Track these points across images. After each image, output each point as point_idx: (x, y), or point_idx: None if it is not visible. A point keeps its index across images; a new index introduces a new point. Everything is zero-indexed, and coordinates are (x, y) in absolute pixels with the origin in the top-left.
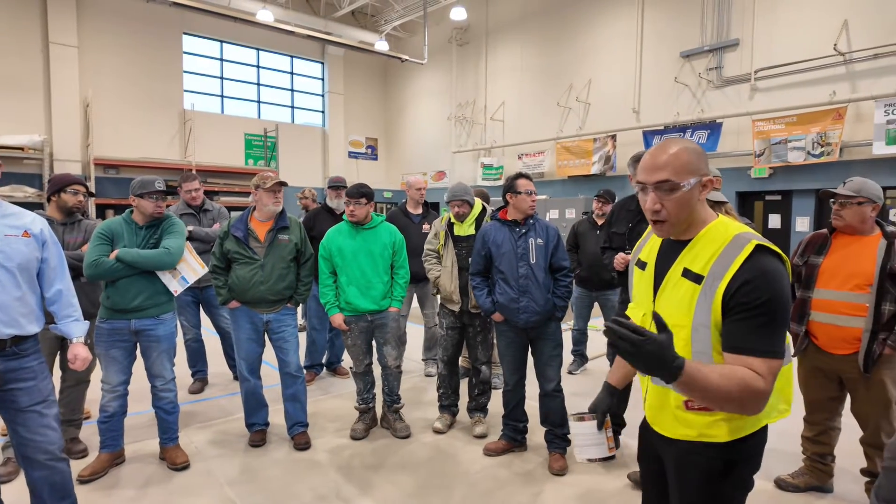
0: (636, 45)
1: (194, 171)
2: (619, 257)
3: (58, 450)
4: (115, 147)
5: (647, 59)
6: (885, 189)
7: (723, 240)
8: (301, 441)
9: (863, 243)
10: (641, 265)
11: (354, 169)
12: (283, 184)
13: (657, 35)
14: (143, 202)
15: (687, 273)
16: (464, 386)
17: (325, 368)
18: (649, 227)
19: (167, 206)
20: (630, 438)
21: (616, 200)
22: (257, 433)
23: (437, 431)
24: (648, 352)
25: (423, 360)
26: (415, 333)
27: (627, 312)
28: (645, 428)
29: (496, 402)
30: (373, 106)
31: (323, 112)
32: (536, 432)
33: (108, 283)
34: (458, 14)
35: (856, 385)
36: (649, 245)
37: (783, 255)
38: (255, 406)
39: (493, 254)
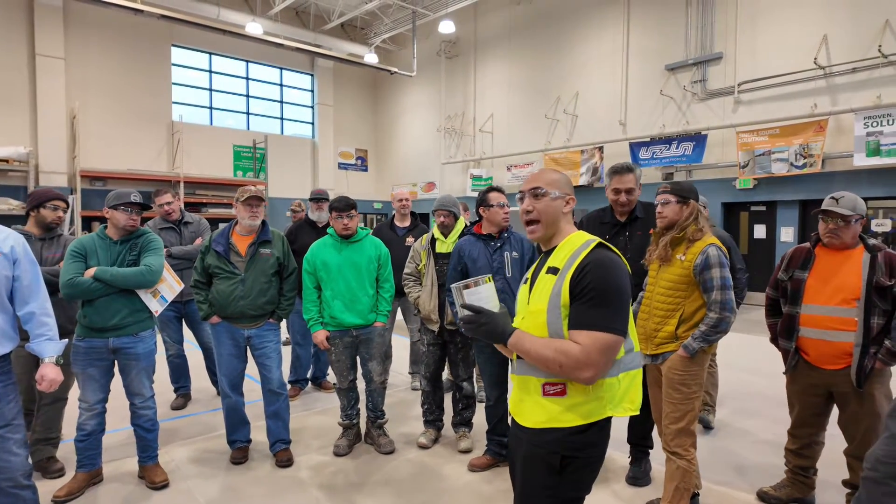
0: (622, 59)
1: (180, 182)
2: None
3: (22, 476)
4: (103, 159)
5: (633, 72)
6: (866, 200)
7: (577, 243)
8: (283, 458)
9: (847, 257)
10: (525, 281)
11: (344, 180)
12: (259, 198)
13: (642, 49)
14: (116, 214)
15: (550, 270)
16: (449, 400)
17: (309, 383)
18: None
19: (149, 218)
20: (616, 451)
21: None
22: (239, 450)
23: (422, 446)
24: (485, 324)
25: (409, 373)
26: (401, 346)
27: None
28: (511, 425)
29: (482, 416)
30: (362, 118)
31: (312, 124)
32: None
33: (86, 301)
34: (447, 27)
35: (847, 399)
36: (534, 266)
37: (619, 253)
38: (236, 423)
39: (468, 268)
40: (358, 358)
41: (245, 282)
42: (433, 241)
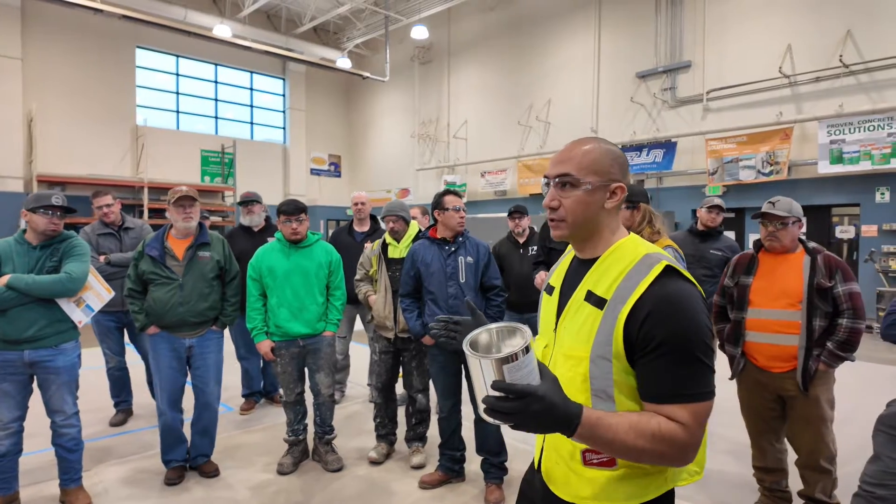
0: (594, 66)
1: (143, 187)
2: (540, 277)
3: None
4: (62, 163)
5: (605, 79)
6: (829, 207)
7: (631, 259)
8: (210, 469)
9: (789, 261)
10: (549, 290)
11: (317, 186)
12: (191, 198)
13: (614, 57)
14: (35, 217)
15: (590, 296)
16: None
17: (263, 397)
18: (568, 249)
19: (85, 223)
20: None
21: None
22: (174, 470)
23: (373, 462)
24: (539, 411)
25: (367, 384)
26: (361, 355)
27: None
28: (531, 481)
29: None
30: (336, 123)
31: (284, 128)
32: (475, 460)
33: None
34: (420, 33)
35: (794, 403)
36: (559, 268)
37: (693, 279)
38: (172, 442)
39: (422, 273)
40: (306, 369)
41: (183, 287)
42: (385, 246)
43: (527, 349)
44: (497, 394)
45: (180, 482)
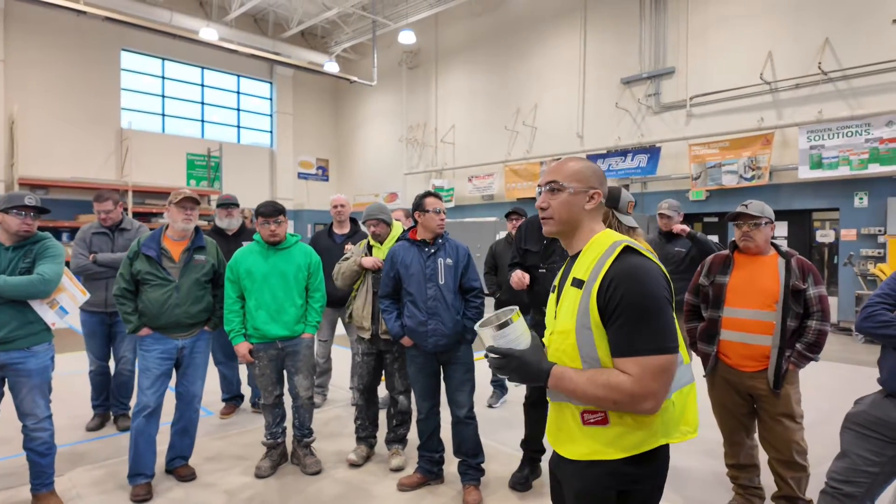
0: (579, 73)
1: (128, 191)
2: (516, 276)
3: None
4: (44, 167)
5: (590, 85)
6: (810, 211)
7: (601, 248)
8: (186, 473)
9: (764, 262)
10: (554, 289)
11: (304, 190)
12: (194, 200)
13: (599, 63)
14: (7, 218)
15: (574, 281)
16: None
17: (244, 400)
18: (567, 262)
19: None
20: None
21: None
22: (142, 486)
23: (353, 464)
24: (516, 368)
25: (350, 388)
26: (344, 359)
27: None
28: (552, 458)
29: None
30: (323, 127)
31: (271, 132)
32: (453, 462)
33: None
34: (408, 38)
35: (764, 400)
36: (561, 272)
37: (653, 258)
38: (144, 450)
39: (401, 275)
40: (285, 372)
41: (179, 289)
42: (369, 248)
43: (506, 323)
44: (493, 356)
45: (150, 498)
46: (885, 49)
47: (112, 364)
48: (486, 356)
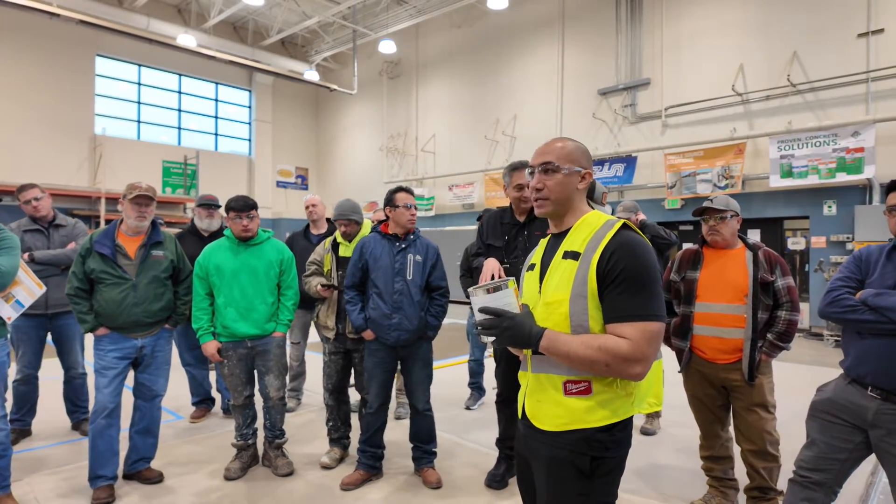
0: (557, 83)
1: (101, 198)
2: (488, 266)
3: None
4: (12, 172)
5: (568, 95)
6: (781, 219)
7: (596, 224)
8: (152, 476)
9: (732, 256)
10: (531, 267)
11: (283, 198)
12: (149, 198)
13: (577, 73)
14: None
15: (567, 254)
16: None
17: (216, 403)
18: (543, 241)
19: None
20: None
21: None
22: (103, 489)
23: (325, 467)
24: (508, 328)
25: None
26: (318, 361)
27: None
28: (518, 438)
29: (397, 434)
30: (303, 135)
31: (249, 140)
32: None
33: None
34: (388, 47)
35: (738, 391)
36: (538, 251)
37: (644, 237)
38: (104, 451)
39: (369, 266)
40: (255, 372)
41: (137, 287)
42: (336, 245)
43: (501, 286)
44: (485, 316)
45: (112, 501)
46: (850, 62)
47: (61, 372)
48: (477, 328)
